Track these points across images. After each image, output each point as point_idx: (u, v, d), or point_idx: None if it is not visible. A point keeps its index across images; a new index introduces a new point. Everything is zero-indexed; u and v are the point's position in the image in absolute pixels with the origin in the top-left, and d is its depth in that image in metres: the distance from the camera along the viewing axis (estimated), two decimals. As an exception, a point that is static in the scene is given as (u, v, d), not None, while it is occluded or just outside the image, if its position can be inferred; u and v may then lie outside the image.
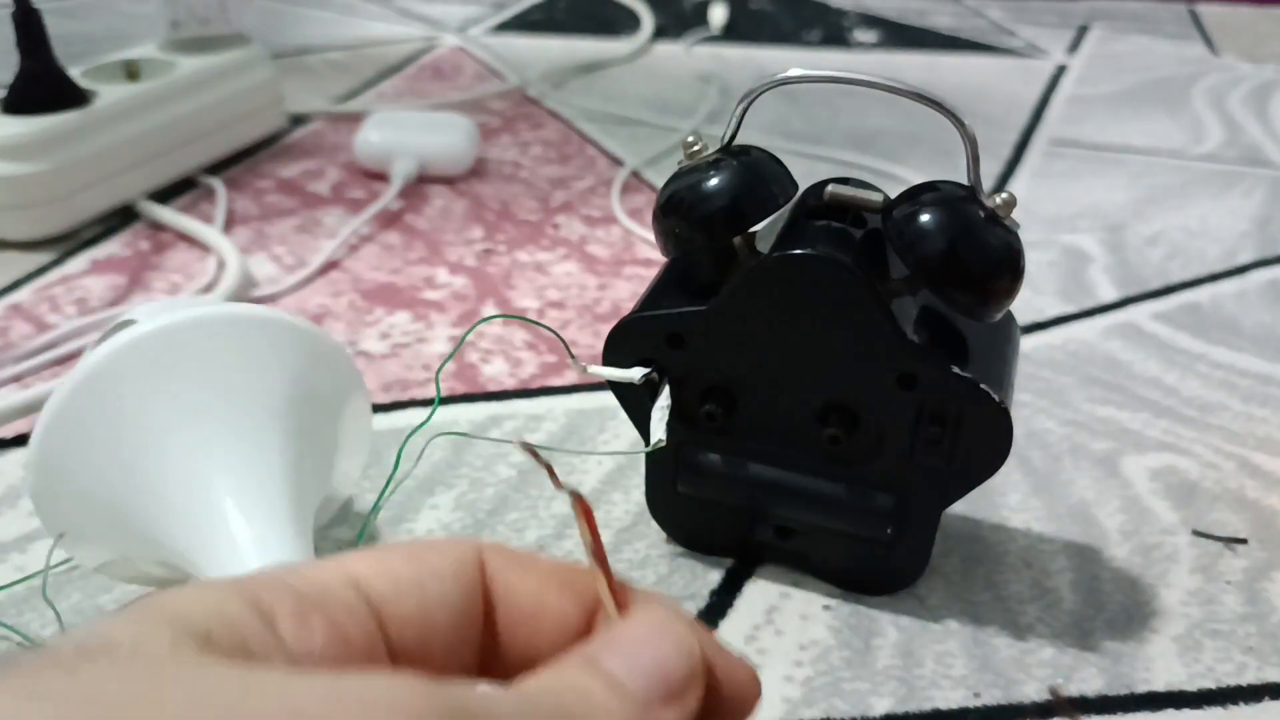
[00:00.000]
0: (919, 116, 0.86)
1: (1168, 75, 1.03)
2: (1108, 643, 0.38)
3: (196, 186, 0.71)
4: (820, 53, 1.06)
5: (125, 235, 0.64)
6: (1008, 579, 0.40)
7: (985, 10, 1.24)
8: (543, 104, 0.89)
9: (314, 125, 0.82)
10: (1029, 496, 0.45)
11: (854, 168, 0.77)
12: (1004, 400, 0.34)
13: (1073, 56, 1.08)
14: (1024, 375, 0.54)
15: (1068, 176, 0.79)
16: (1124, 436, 0.49)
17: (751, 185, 0.35)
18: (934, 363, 0.34)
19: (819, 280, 0.34)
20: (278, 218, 0.68)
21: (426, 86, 0.92)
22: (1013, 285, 0.34)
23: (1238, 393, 0.53)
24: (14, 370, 0.50)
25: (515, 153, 0.79)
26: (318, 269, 0.61)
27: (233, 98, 0.72)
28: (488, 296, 0.59)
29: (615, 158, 0.78)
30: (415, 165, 0.71)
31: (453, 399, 0.50)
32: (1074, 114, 0.91)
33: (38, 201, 0.62)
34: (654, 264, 0.63)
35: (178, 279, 0.60)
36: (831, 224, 0.36)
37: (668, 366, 0.37)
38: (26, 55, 0.62)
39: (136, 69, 0.70)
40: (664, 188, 0.37)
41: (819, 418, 0.37)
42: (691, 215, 0.35)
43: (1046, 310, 0.60)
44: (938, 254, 0.33)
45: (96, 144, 0.63)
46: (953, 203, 0.34)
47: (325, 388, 0.37)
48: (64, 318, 0.55)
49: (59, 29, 0.65)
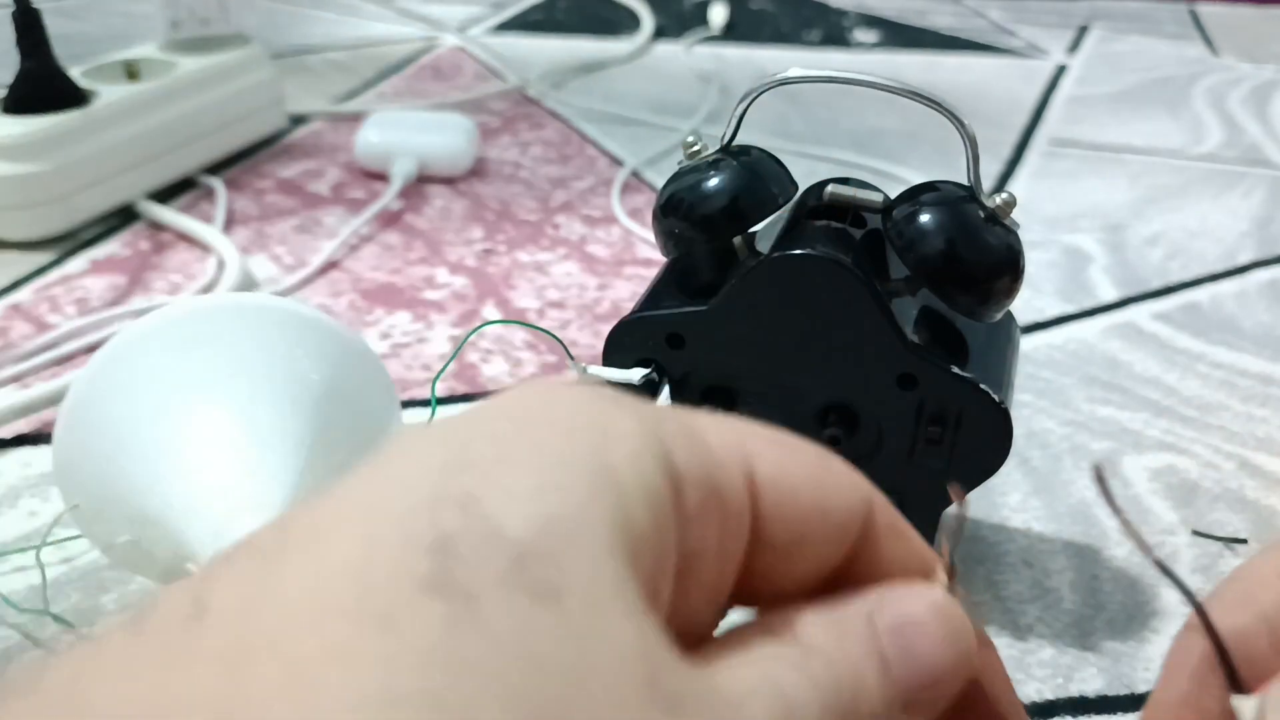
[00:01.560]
0: (919, 116, 0.86)
1: (1168, 75, 1.03)
2: (1108, 643, 0.38)
3: (196, 186, 0.71)
4: (820, 53, 1.06)
5: (125, 235, 0.64)
6: (1008, 579, 0.40)
7: (985, 10, 1.24)
8: (543, 104, 0.89)
9: (314, 125, 0.82)
10: (1029, 496, 0.45)
11: (854, 168, 0.77)
12: (1004, 400, 0.34)
13: (1073, 56, 1.08)
14: (1024, 375, 0.54)
15: (1068, 176, 0.79)
16: (1124, 436, 0.49)
17: (751, 185, 0.35)
18: (934, 363, 0.34)
19: (819, 280, 0.34)
20: (278, 218, 0.68)
21: (426, 86, 0.92)
22: (1013, 285, 0.34)
23: (1238, 393, 0.53)
24: (14, 370, 0.50)
25: (515, 153, 0.79)
26: (318, 269, 0.61)
27: (233, 98, 0.72)
28: (488, 296, 0.59)
29: (615, 158, 0.78)
30: (415, 165, 0.71)
31: (453, 399, 0.50)
32: (1074, 114, 0.91)
33: (38, 201, 0.62)
34: (654, 264, 0.63)
35: (178, 279, 0.60)
36: (831, 224, 0.36)
37: (668, 366, 0.37)
38: (26, 55, 0.62)
39: (136, 69, 0.70)
40: (664, 188, 0.37)
41: (819, 418, 0.37)
42: (691, 215, 0.35)
43: (1046, 310, 0.60)
44: (938, 254, 0.33)
45: (96, 144, 0.63)
46: (953, 203, 0.34)
47: (355, 390, 0.37)
48: (64, 318, 0.55)
49: (59, 29, 0.65)
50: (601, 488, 0.14)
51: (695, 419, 0.17)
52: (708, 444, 0.16)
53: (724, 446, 0.17)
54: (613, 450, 0.15)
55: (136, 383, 0.33)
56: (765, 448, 0.17)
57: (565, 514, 0.14)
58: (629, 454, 0.15)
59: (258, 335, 0.34)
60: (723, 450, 0.16)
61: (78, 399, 0.34)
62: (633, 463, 0.15)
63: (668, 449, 0.15)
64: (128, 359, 0.34)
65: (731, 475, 0.16)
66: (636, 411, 0.16)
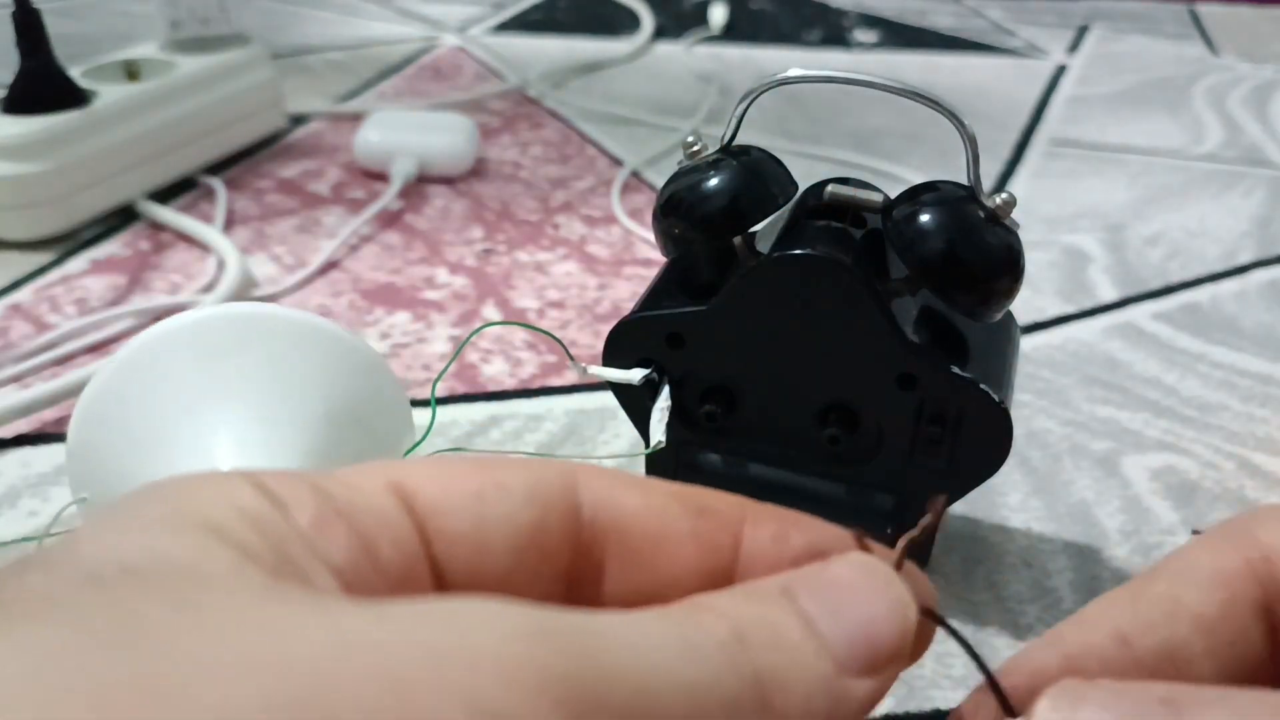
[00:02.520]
0: (919, 116, 0.86)
1: (1168, 75, 1.03)
2: (1108, 643, 0.38)
3: (196, 186, 0.71)
4: (820, 53, 1.06)
5: (125, 235, 0.64)
6: (1008, 579, 0.40)
7: (985, 10, 1.24)
8: (543, 104, 0.89)
9: (314, 125, 0.82)
10: (1029, 496, 0.45)
11: (854, 168, 0.77)
12: (1004, 400, 0.34)
13: (1073, 56, 1.08)
14: (1024, 375, 0.54)
15: (1068, 176, 0.79)
16: (1124, 436, 0.49)
17: (751, 185, 0.35)
18: (934, 363, 0.34)
19: (819, 280, 0.34)
20: (278, 218, 0.68)
21: (426, 86, 0.92)
22: (1013, 285, 0.34)
23: (1238, 393, 0.53)
24: (14, 370, 0.50)
25: (515, 153, 0.79)
26: (318, 269, 0.61)
27: (233, 98, 0.72)
28: (488, 297, 0.59)
29: (615, 158, 0.78)
30: (415, 165, 0.71)
31: (452, 399, 0.50)
32: (1074, 114, 0.91)
33: (38, 201, 0.62)
34: (654, 264, 0.63)
35: (178, 279, 0.60)
36: (831, 224, 0.36)
37: (668, 366, 0.37)
38: (26, 55, 0.62)
39: (136, 69, 0.70)
40: (664, 188, 0.37)
41: (819, 418, 0.37)
42: (691, 215, 0.36)
43: (1046, 310, 0.60)
44: (938, 254, 0.33)
45: (96, 144, 0.63)
46: (953, 203, 0.34)
47: (373, 410, 0.36)
48: (64, 318, 0.55)
49: (59, 29, 0.65)
50: (186, 526, 0.14)
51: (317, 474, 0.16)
52: (334, 480, 0.16)
53: (362, 475, 0.16)
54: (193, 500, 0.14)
55: (158, 383, 0.33)
56: (417, 465, 0.17)
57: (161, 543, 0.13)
58: (208, 494, 0.15)
59: (284, 348, 0.34)
60: (359, 477, 0.16)
61: (98, 391, 0.34)
62: (217, 501, 0.14)
63: (258, 481, 0.15)
64: (152, 358, 0.34)
65: (367, 490, 0.16)
66: (216, 476, 0.16)
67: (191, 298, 0.57)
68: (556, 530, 0.16)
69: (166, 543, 0.13)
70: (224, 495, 0.14)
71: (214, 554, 0.13)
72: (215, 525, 0.14)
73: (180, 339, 0.34)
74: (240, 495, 0.14)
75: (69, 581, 0.12)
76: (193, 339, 0.34)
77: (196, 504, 0.14)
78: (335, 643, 0.12)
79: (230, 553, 0.13)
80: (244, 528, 0.14)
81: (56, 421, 0.47)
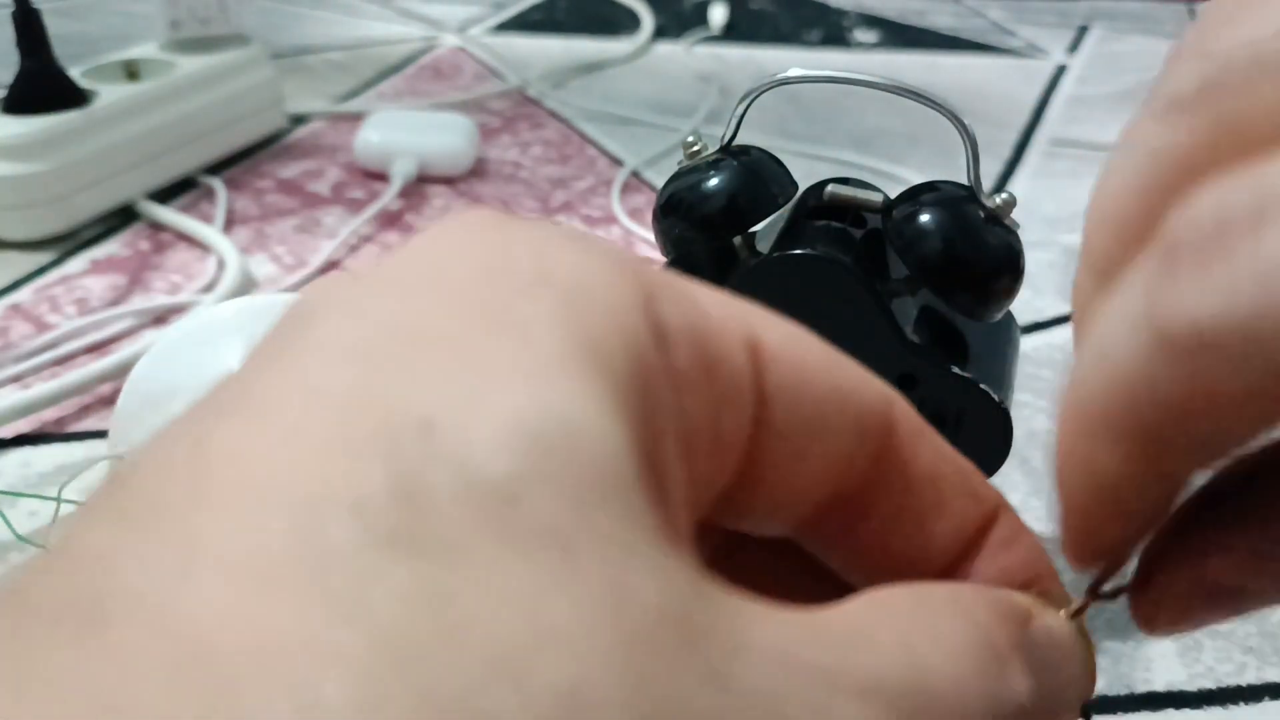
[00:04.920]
0: (919, 116, 0.86)
1: (1168, 75, 1.03)
2: (1108, 643, 0.38)
3: (196, 186, 0.71)
4: (820, 53, 1.06)
5: (125, 235, 0.64)
6: (1008, 579, 0.40)
7: (985, 10, 1.24)
8: (543, 104, 0.89)
9: (314, 125, 0.82)
10: (1029, 496, 0.45)
11: (854, 168, 0.77)
12: (1004, 400, 0.34)
13: (1073, 56, 1.08)
14: (1024, 375, 0.54)
15: (1068, 176, 0.79)
16: (1124, 436, 0.49)
17: (751, 185, 0.35)
18: (934, 363, 0.34)
19: (818, 280, 0.34)
20: (278, 218, 0.68)
21: (426, 86, 0.92)
22: (1013, 285, 0.34)
23: (1238, 393, 0.53)
24: (14, 370, 0.50)
25: (515, 153, 0.79)
26: (318, 269, 0.61)
27: (233, 98, 0.72)
28: (488, 296, 0.59)
29: (615, 158, 0.78)
30: (415, 165, 0.71)
31: (453, 399, 0.50)
32: (1074, 114, 0.91)
33: (38, 201, 0.62)
34: (654, 264, 0.63)
35: (178, 279, 0.60)
36: (831, 224, 0.36)
37: (668, 366, 0.37)
38: (26, 55, 0.62)
39: (136, 69, 0.70)
40: (664, 188, 0.37)
41: (819, 418, 0.37)
42: (691, 215, 0.35)
43: (1046, 310, 0.60)
44: (938, 254, 0.33)
45: (96, 144, 0.63)
46: (953, 203, 0.34)
47: None
48: (64, 318, 0.55)
49: (59, 29, 0.65)
50: (590, 376, 0.11)
51: (683, 279, 0.14)
52: (697, 300, 0.13)
53: (721, 308, 0.14)
54: (590, 313, 0.11)
55: (208, 358, 0.36)
56: (774, 323, 0.15)
57: (551, 429, 0.10)
58: (608, 310, 0.12)
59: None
60: (719, 312, 0.14)
61: (157, 354, 0.36)
62: (618, 329, 0.12)
63: (650, 296, 0.12)
64: (212, 333, 0.36)
65: (728, 339, 0.13)
66: (608, 255, 0.13)
67: (191, 298, 0.57)
68: (859, 468, 0.15)
69: (574, 410, 0.10)
70: (616, 317, 0.12)
71: (611, 462, 0.10)
72: (614, 386, 0.11)
73: (231, 323, 0.36)
74: (631, 320, 0.12)
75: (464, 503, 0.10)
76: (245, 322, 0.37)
77: (591, 327, 0.11)
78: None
79: (624, 465, 0.11)
80: (636, 393, 0.11)
81: (56, 421, 0.47)
